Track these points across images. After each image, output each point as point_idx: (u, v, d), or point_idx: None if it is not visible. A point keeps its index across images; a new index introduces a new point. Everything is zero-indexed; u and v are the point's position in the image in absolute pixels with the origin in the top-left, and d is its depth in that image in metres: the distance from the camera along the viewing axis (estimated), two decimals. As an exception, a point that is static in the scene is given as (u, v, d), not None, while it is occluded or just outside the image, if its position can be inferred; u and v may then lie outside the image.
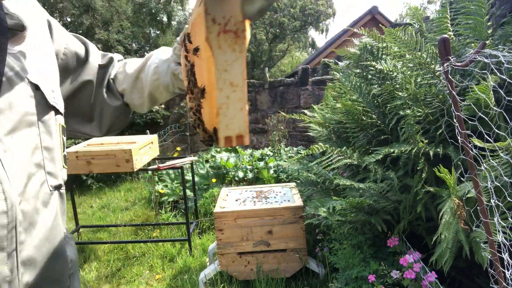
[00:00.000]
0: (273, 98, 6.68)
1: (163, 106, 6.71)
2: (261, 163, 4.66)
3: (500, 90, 1.06)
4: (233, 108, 0.47)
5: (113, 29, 8.76)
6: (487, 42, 1.32)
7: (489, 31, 1.67)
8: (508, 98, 1.10)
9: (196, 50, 0.54)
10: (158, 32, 14.71)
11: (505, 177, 1.12)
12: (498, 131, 1.08)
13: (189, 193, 4.03)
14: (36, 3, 0.68)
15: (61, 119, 0.67)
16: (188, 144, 6.74)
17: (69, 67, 0.78)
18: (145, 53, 10.14)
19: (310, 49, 26.07)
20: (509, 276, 1.02)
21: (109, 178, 5.89)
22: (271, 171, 4.44)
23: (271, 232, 2.45)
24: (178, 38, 0.83)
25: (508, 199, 1.05)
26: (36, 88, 0.60)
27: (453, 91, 1.06)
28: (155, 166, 3.25)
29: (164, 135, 6.45)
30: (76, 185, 5.51)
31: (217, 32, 0.44)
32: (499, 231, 1.04)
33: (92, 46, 0.84)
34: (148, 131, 4.55)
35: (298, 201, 2.52)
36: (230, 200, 2.73)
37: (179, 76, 0.80)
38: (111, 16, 8.92)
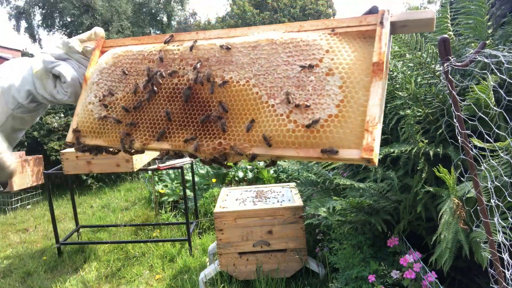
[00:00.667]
0: (273, 98, 6.67)
1: None
2: (261, 163, 4.66)
3: (500, 90, 1.06)
4: (379, 130, 0.52)
5: (113, 29, 8.76)
6: (487, 42, 1.33)
7: (489, 31, 1.67)
8: (508, 98, 1.10)
9: (311, 67, 0.59)
10: (158, 32, 14.74)
11: (505, 177, 1.12)
12: (498, 131, 1.08)
13: (189, 193, 4.03)
14: None
15: None
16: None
17: None
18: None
19: (310, 49, 26.02)
20: (509, 276, 1.02)
21: (109, 178, 5.89)
22: (271, 171, 4.44)
23: (271, 232, 2.45)
24: (80, 36, 0.76)
25: (508, 199, 1.05)
26: None
27: (453, 91, 1.06)
28: (155, 166, 3.25)
29: (164, 135, 6.45)
30: (76, 185, 5.51)
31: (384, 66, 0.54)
32: (499, 231, 1.04)
33: None
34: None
35: (298, 201, 2.52)
36: (230, 200, 2.73)
37: (51, 72, 0.70)
38: (111, 16, 8.93)
